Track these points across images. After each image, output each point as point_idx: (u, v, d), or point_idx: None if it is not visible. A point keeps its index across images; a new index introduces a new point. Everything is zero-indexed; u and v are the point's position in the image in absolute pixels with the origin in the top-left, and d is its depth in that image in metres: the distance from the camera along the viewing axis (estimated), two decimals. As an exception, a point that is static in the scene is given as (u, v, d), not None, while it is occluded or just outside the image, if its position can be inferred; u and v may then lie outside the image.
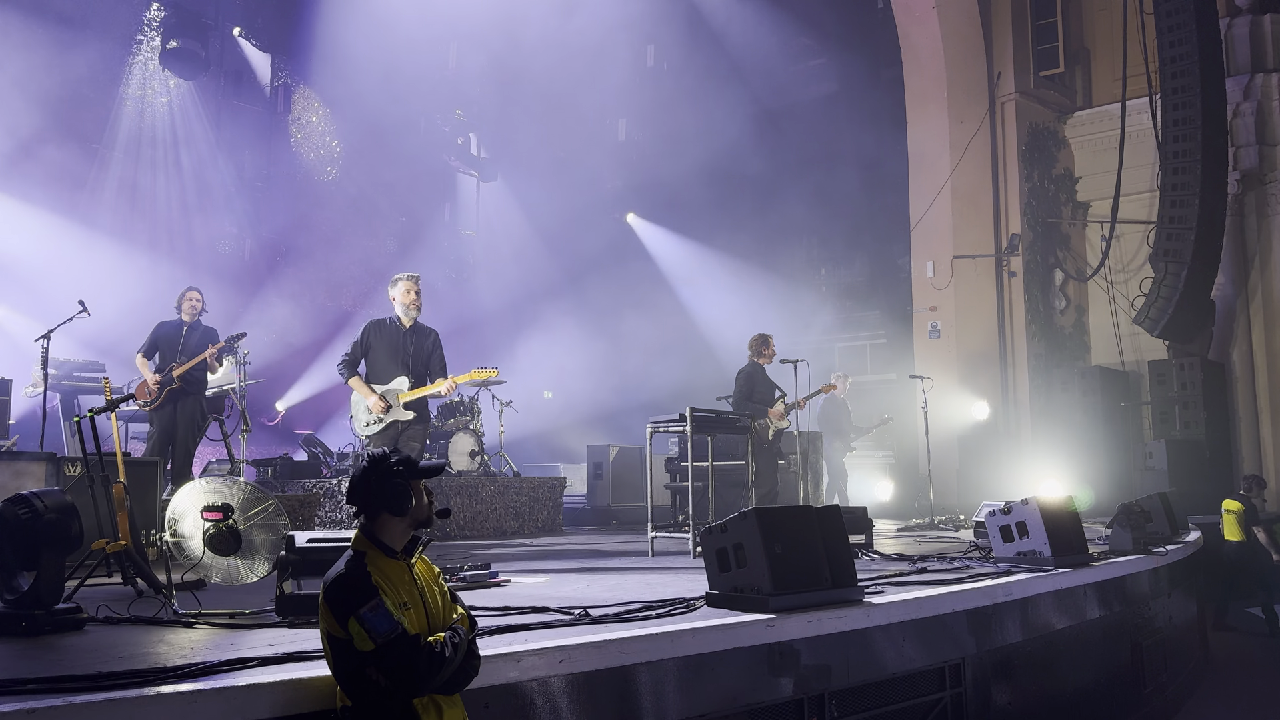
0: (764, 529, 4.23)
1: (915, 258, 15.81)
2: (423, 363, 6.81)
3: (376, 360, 6.78)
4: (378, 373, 6.76)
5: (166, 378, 8.15)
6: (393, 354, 6.75)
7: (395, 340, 6.79)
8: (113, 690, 2.64)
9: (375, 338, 6.80)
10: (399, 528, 2.85)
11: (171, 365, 8.19)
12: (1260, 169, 14.21)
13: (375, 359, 6.79)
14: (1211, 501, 12.52)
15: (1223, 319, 14.22)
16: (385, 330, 6.82)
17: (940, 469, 13.05)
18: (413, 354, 6.78)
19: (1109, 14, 15.61)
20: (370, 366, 6.78)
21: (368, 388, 6.66)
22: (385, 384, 6.72)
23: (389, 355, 6.75)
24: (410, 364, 6.76)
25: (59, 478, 6.42)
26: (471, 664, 2.84)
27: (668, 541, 8.00)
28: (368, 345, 6.80)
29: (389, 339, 6.79)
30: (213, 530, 4.84)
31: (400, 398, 6.66)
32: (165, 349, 8.28)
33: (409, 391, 6.67)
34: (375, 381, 6.74)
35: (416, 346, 6.81)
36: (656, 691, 3.59)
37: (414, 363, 6.77)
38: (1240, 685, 7.97)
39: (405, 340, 6.80)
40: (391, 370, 6.73)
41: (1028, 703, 5.33)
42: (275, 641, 3.52)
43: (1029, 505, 6.06)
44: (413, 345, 6.80)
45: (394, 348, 6.76)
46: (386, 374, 6.74)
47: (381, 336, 6.80)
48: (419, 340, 6.84)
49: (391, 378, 6.72)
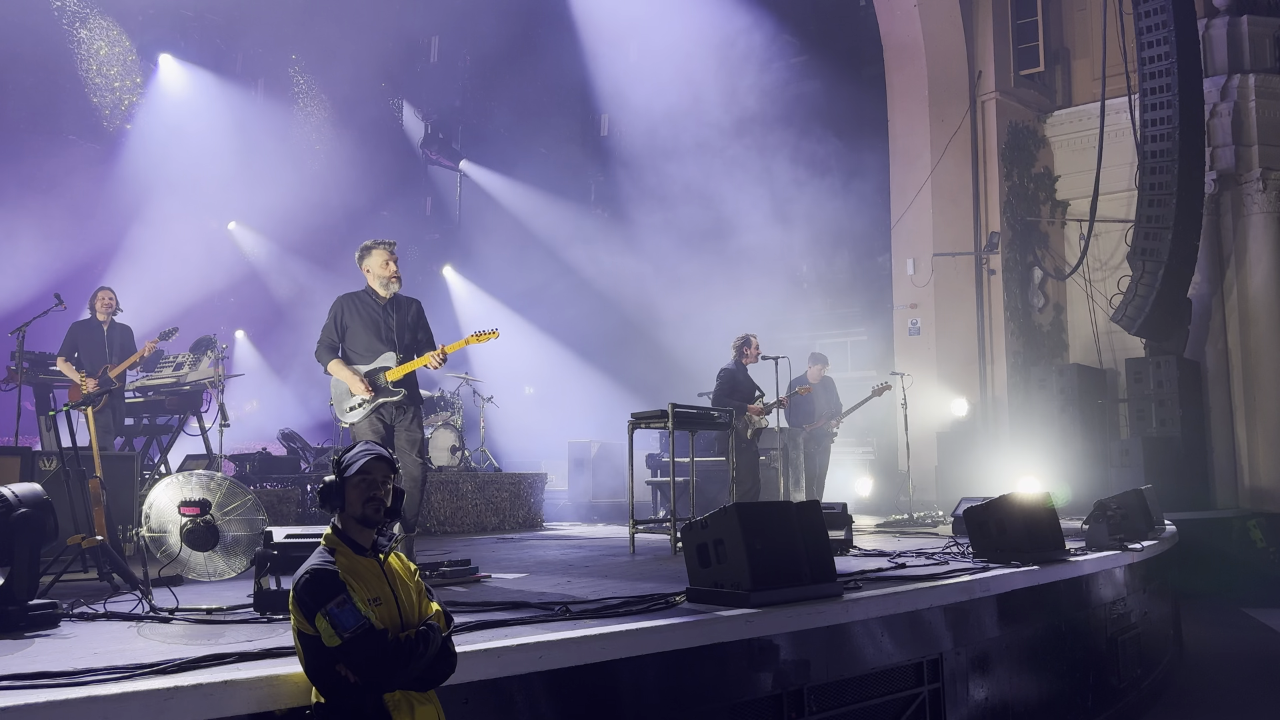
0: (744, 525, 4.24)
1: (896, 255, 15.88)
2: (409, 336, 6.10)
3: (355, 339, 6.02)
4: (359, 353, 6.01)
5: (105, 380, 8.05)
6: (373, 330, 6.01)
7: (374, 315, 6.05)
8: (88, 686, 2.63)
9: (350, 315, 6.04)
10: (352, 525, 2.90)
11: (105, 366, 8.09)
12: (1237, 169, 14.35)
13: (354, 338, 6.02)
14: (1187, 498, 12.67)
15: (1199, 318, 14.36)
16: (361, 305, 6.06)
17: (919, 465, 13.12)
18: (395, 327, 6.06)
19: (1089, 14, 15.72)
20: (349, 347, 6.03)
21: (349, 370, 5.92)
22: (369, 364, 5.98)
23: (369, 332, 6.01)
24: (396, 339, 6.04)
25: (34, 473, 6.36)
26: (446, 661, 2.84)
27: (649, 537, 8.02)
28: (343, 325, 6.04)
29: (367, 314, 6.04)
30: (190, 525, 4.80)
31: (388, 376, 5.94)
32: (89, 349, 8.14)
33: (397, 368, 5.96)
34: (357, 363, 5.99)
35: (399, 319, 6.09)
36: (637, 687, 3.60)
37: (399, 337, 6.05)
38: (1214, 680, 8.06)
39: (385, 314, 6.07)
40: (375, 348, 6.00)
41: (1004, 697, 5.37)
42: (253, 637, 3.50)
43: (1007, 502, 6.11)
44: (394, 318, 6.08)
45: (373, 323, 6.02)
46: (369, 353, 5.99)
47: (358, 313, 6.04)
48: (400, 312, 6.11)
49: (375, 356, 5.99)
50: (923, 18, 15.35)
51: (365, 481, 2.91)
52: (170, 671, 2.82)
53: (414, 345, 6.11)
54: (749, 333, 9.42)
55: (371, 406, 5.88)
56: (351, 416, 5.93)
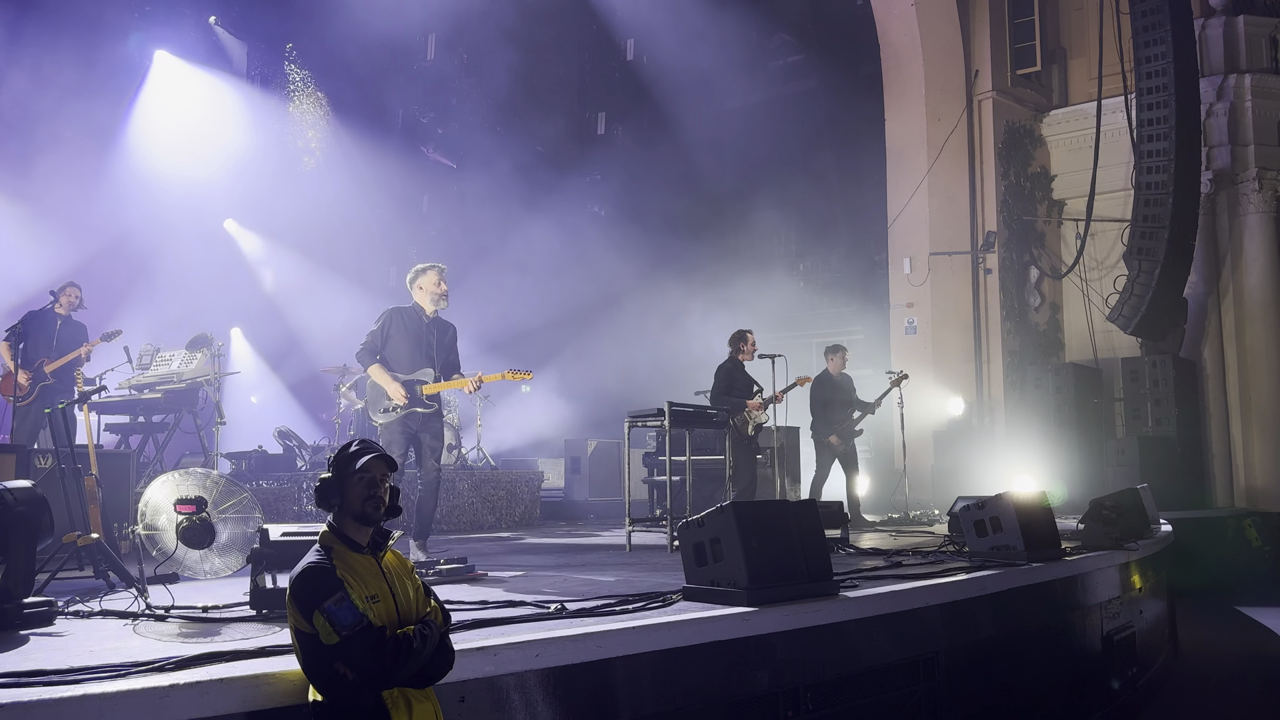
0: (741, 523, 4.24)
1: (892, 254, 15.89)
2: (445, 356, 6.60)
3: (397, 350, 6.47)
4: (399, 362, 6.46)
5: (39, 373, 8.00)
6: (416, 344, 6.49)
7: (418, 331, 6.52)
8: (84, 684, 2.62)
9: (397, 327, 6.51)
10: (349, 523, 2.88)
11: (42, 360, 8.02)
12: (1233, 169, 14.37)
13: (396, 348, 6.48)
14: (1183, 497, 12.68)
15: (1195, 317, 14.38)
16: (408, 319, 6.54)
17: (915, 464, 13.14)
18: (435, 346, 6.54)
19: (1085, 13, 15.74)
20: (390, 356, 6.47)
21: (389, 376, 6.35)
22: (408, 374, 6.43)
23: (412, 345, 6.48)
24: (434, 356, 6.52)
25: (29, 470, 6.35)
26: (444, 658, 2.84)
27: (645, 536, 8.01)
28: (388, 334, 6.50)
29: (412, 329, 6.51)
30: (186, 523, 4.79)
31: (425, 390, 6.41)
32: (36, 340, 8.04)
33: (434, 384, 6.44)
34: (396, 371, 6.43)
35: (439, 339, 6.59)
36: (633, 685, 3.59)
37: (438, 355, 6.54)
38: (1209, 679, 8.07)
39: (428, 331, 6.55)
40: (415, 360, 6.47)
41: (1000, 696, 5.37)
42: (249, 635, 3.50)
43: (1003, 500, 6.11)
44: (435, 337, 6.56)
45: (417, 339, 6.50)
46: (409, 364, 6.46)
47: (404, 326, 6.51)
48: (440, 333, 6.62)
49: (415, 368, 6.46)
50: (920, 17, 15.36)
51: (366, 479, 2.89)
52: (166, 669, 2.82)
53: (447, 365, 6.62)
54: (744, 328, 9.37)
55: (405, 412, 6.35)
56: (383, 418, 6.40)
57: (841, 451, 10.50)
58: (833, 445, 10.43)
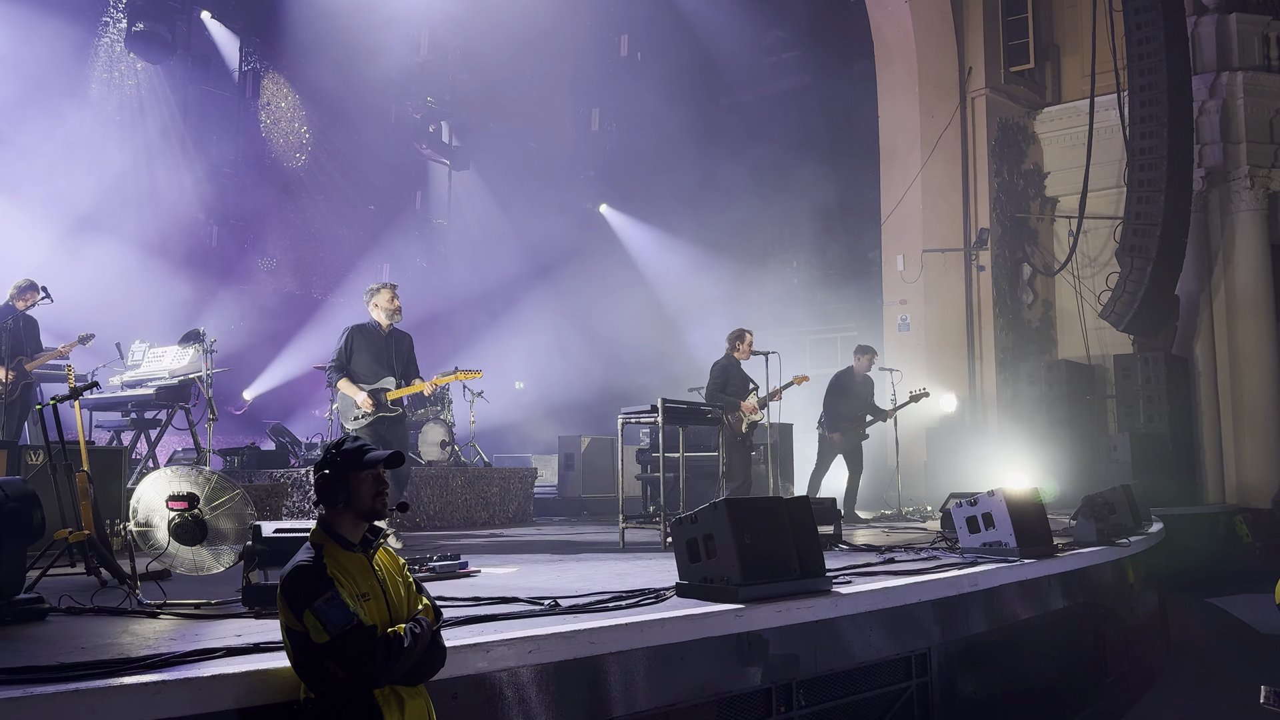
0: (734, 520, 4.25)
1: (886, 251, 15.90)
2: (403, 364, 7.39)
3: (361, 363, 7.27)
4: (364, 374, 7.25)
5: (21, 371, 8.03)
6: (377, 356, 7.29)
7: (378, 344, 7.33)
8: (75, 681, 2.61)
9: (359, 342, 7.31)
10: (348, 520, 2.85)
11: (21, 358, 8.06)
12: (1225, 166, 14.40)
13: (360, 361, 7.27)
14: (1174, 494, 12.72)
15: (1187, 314, 14.43)
16: (368, 334, 7.34)
17: (908, 460, 13.15)
18: (394, 356, 7.34)
19: (1078, 11, 15.75)
20: (356, 368, 7.27)
21: (355, 387, 7.17)
22: (372, 384, 7.22)
23: (374, 358, 7.27)
24: (394, 365, 7.32)
25: (21, 466, 6.32)
26: (436, 655, 2.83)
27: (639, 532, 8.01)
28: (351, 349, 7.29)
29: (373, 342, 7.32)
30: (178, 520, 4.78)
31: (389, 396, 7.20)
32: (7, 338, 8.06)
33: (395, 391, 7.23)
34: (361, 382, 7.23)
35: (397, 349, 7.38)
36: (626, 681, 3.60)
37: (397, 364, 7.34)
38: (1200, 675, 8.11)
39: (387, 343, 7.36)
40: (377, 371, 7.26)
41: (992, 692, 5.39)
42: (241, 632, 3.49)
43: (995, 497, 6.12)
44: (394, 348, 7.36)
45: (378, 351, 7.30)
46: (373, 375, 7.25)
47: (365, 341, 7.31)
48: (398, 343, 7.41)
49: (378, 378, 7.24)
50: (913, 14, 15.36)
51: (375, 476, 2.88)
52: (158, 666, 2.81)
53: (406, 372, 7.42)
54: (743, 327, 9.37)
55: (373, 418, 7.16)
56: (353, 425, 7.19)
57: (845, 449, 10.58)
58: (835, 441, 10.52)
